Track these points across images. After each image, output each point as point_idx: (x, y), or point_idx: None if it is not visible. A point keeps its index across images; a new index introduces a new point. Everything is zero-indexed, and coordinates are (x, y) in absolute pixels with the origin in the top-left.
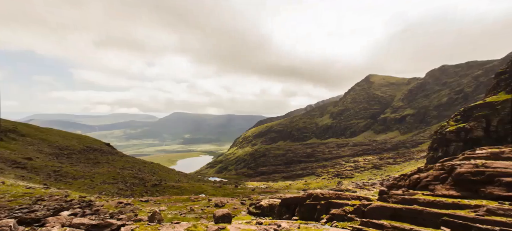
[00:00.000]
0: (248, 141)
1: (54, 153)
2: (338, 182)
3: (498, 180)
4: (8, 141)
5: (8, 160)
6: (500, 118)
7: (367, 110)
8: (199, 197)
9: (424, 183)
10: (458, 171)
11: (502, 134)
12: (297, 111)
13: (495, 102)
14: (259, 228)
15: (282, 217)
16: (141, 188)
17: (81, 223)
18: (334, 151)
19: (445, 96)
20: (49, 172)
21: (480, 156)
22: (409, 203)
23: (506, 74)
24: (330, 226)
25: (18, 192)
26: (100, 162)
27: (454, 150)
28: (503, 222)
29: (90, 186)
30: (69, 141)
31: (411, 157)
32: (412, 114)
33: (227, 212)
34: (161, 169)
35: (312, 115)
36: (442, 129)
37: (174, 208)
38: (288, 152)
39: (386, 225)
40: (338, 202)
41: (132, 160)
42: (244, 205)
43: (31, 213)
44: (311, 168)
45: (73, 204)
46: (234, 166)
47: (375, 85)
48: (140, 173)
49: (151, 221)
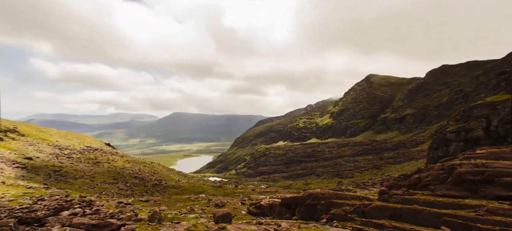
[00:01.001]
0: (248, 141)
1: (54, 153)
2: (338, 182)
3: (498, 180)
4: (8, 141)
5: (8, 160)
6: (500, 118)
7: (367, 110)
8: (199, 197)
9: (424, 183)
10: (458, 171)
11: (502, 134)
12: (297, 111)
13: (495, 102)
14: (259, 228)
15: (282, 217)
16: (141, 188)
17: (81, 223)
18: (334, 151)
19: (445, 96)
20: (49, 172)
21: (480, 156)
22: (409, 203)
23: (506, 74)
24: (330, 226)
25: (18, 192)
26: (100, 162)
27: (454, 150)
28: (503, 222)
29: (90, 186)
30: (69, 141)
31: (411, 157)
32: (412, 114)
33: (227, 212)
34: (161, 169)
35: (312, 115)
36: (442, 129)
37: (174, 208)
38: (288, 152)
39: (386, 225)
40: (338, 202)
41: (132, 160)
42: (244, 205)
43: (31, 213)
44: (311, 168)
45: (73, 204)
46: (234, 166)
47: (375, 85)
48: (140, 173)
49: (151, 221)
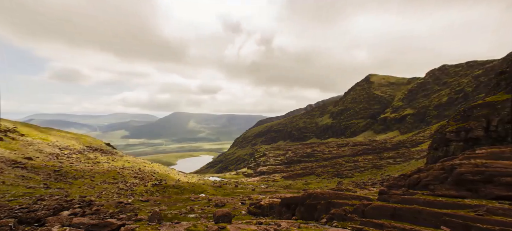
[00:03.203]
0: (248, 141)
1: (54, 153)
2: (338, 182)
3: (498, 180)
4: (8, 141)
5: (8, 160)
6: (500, 118)
7: (367, 110)
8: (199, 197)
9: (424, 182)
10: (458, 171)
11: (502, 134)
12: (297, 111)
13: (495, 102)
14: (259, 227)
15: (282, 217)
16: (141, 188)
17: (81, 223)
18: (334, 151)
19: (445, 96)
20: (49, 172)
21: (480, 156)
22: (409, 203)
23: (506, 74)
24: (330, 225)
25: (18, 191)
26: (100, 162)
27: (454, 150)
28: (503, 222)
29: (90, 186)
30: (69, 141)
31: (411, 157)
32: (412, 114)
33: (227, 212)
34: (161, 169)
35: (312, 114)
36: (442, 129)
37: (174, 208)
38: (288, 152)
39: (386, 225)
40: (338, 202)
41: (132, 160)
42: (244, 205)
43: (31, 212)
44: (311, 168)
45: (73, 203)
46: (234, 166)
47: (375, 85)
48: (140, 173)
49: (151, 221)
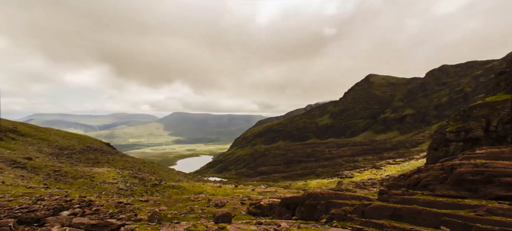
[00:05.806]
0: (248, 141)
1: (54, 153)
2: (338, 182)
3: (498, 180)
4: (8, 141)
5: (8, 160)
6: (500, 118)
7: (367, 110)
8: (199, 197)
9: (424, 183)
10: (458, 171)
11: (502, 134)
12: (297, 111)
13: (495, 102)
14: (259, 227)
15: (282, 217)
16: (141, 188)
17: (81, 223)
18: (334, 151)
19: (445, 96)
20: (49, 172)
21: (480, 156)
22: (409, 203)
23: (506, 74)
24: (330, 226)
25: (18, 191)
26: (100, 162)
27: (454, 150)
28: (502, 222)
29: (90, 186)
30: (69, 141)
31: (411, 157)
32: (412, 114)
33: (227, 212)
34: (161, 169)
35: (312, 115)
36: (442, 129)
37: (174, 208)
38: (288, 152)
39: (386, 225)
40: (338, 202)
41: (132, 160)
42: (244, 205)
43: (31, 212)
44: (311, 168)
45: (73, 203)
46: (234, 166)
47: (375, 85)
48: (140, 173)
49: (151, 221)
